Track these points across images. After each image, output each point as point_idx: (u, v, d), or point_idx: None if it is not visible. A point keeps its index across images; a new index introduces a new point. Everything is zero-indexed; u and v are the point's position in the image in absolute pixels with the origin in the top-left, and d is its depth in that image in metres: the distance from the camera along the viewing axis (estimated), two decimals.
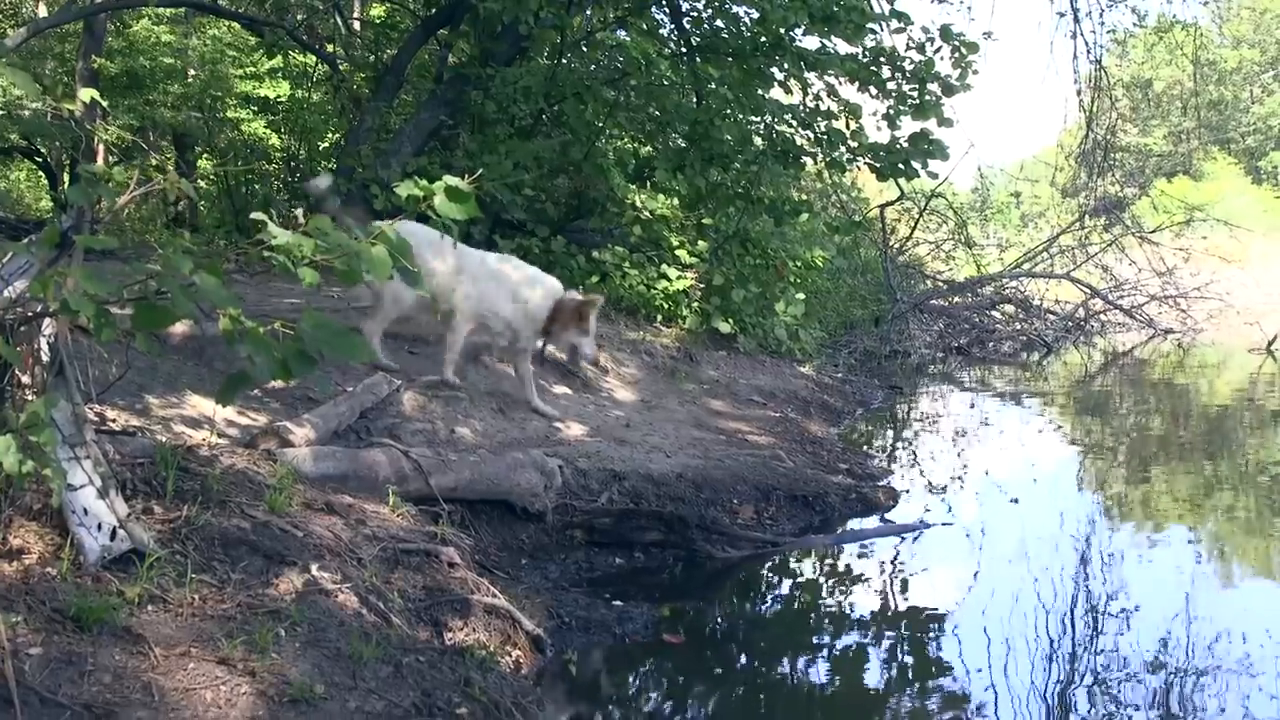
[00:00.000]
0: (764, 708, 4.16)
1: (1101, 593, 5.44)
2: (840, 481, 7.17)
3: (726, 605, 5.39)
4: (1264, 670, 4.26)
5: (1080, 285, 20.46)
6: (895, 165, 11.45)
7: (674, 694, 4.31)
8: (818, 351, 12.95)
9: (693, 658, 4.65)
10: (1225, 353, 19.90)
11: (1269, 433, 10.82)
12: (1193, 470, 8.72)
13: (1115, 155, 27.27)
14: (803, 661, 4.67)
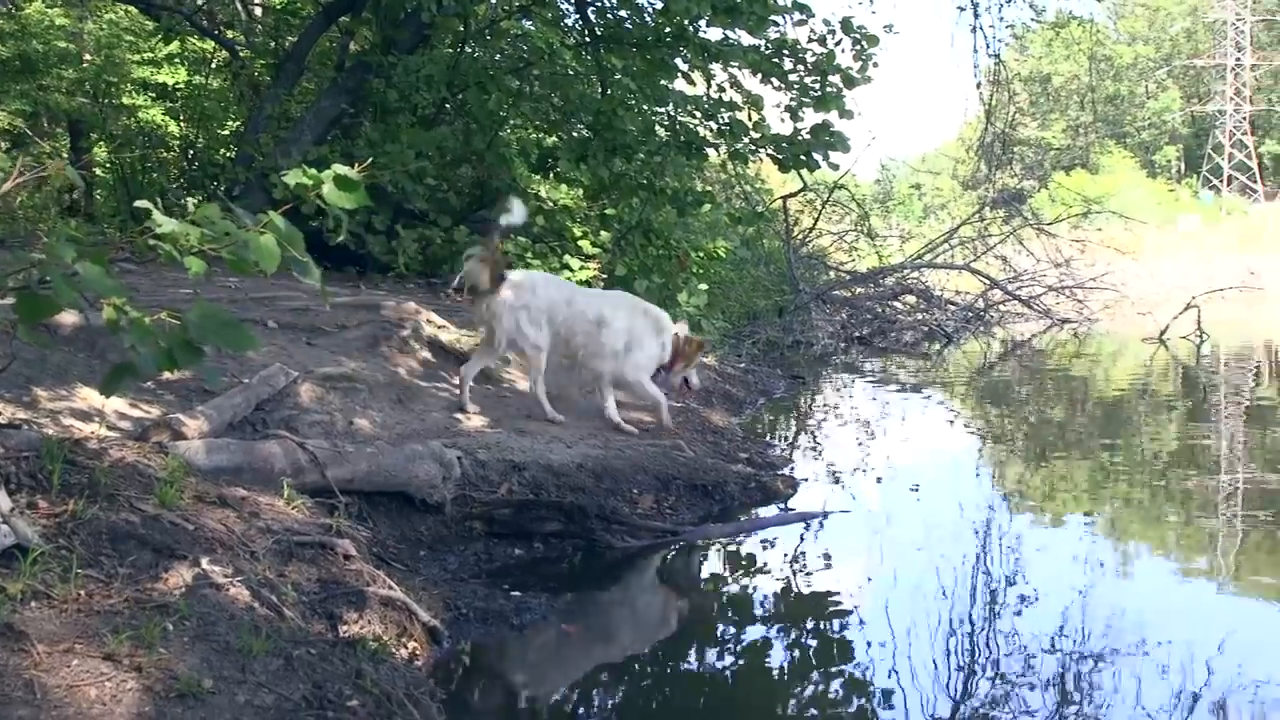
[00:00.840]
0: (664, 695, 4.18)
1: (1001, 578, 5.53)
2: (740, 470, 7.22)
3: (626, 594, 5.42)
4: (1157, 651, 4.36)
5: (980, 276, 20.78)
6: (797, 157, 11.56)
7: (571, 683, 4.32)
8: (721, 342, 13.01)
9: (591, 647, 4.66)
10: (1120, 342, 20.30)
11: (1163, 421, 11.07)
12: (1089, 458, 8.89)
13: (1015, 148, 27.72)
14: (704, 649, 4.69)
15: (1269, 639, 4.77)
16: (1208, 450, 9.25)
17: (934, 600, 5.14)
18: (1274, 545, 6.31)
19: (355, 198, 2.99)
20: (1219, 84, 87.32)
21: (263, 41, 14.99)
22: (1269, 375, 15.64)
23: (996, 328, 21.33)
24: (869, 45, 11.43)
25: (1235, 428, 10.49)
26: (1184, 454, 9.11)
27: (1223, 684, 4.01)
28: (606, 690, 4.27)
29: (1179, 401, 12.55)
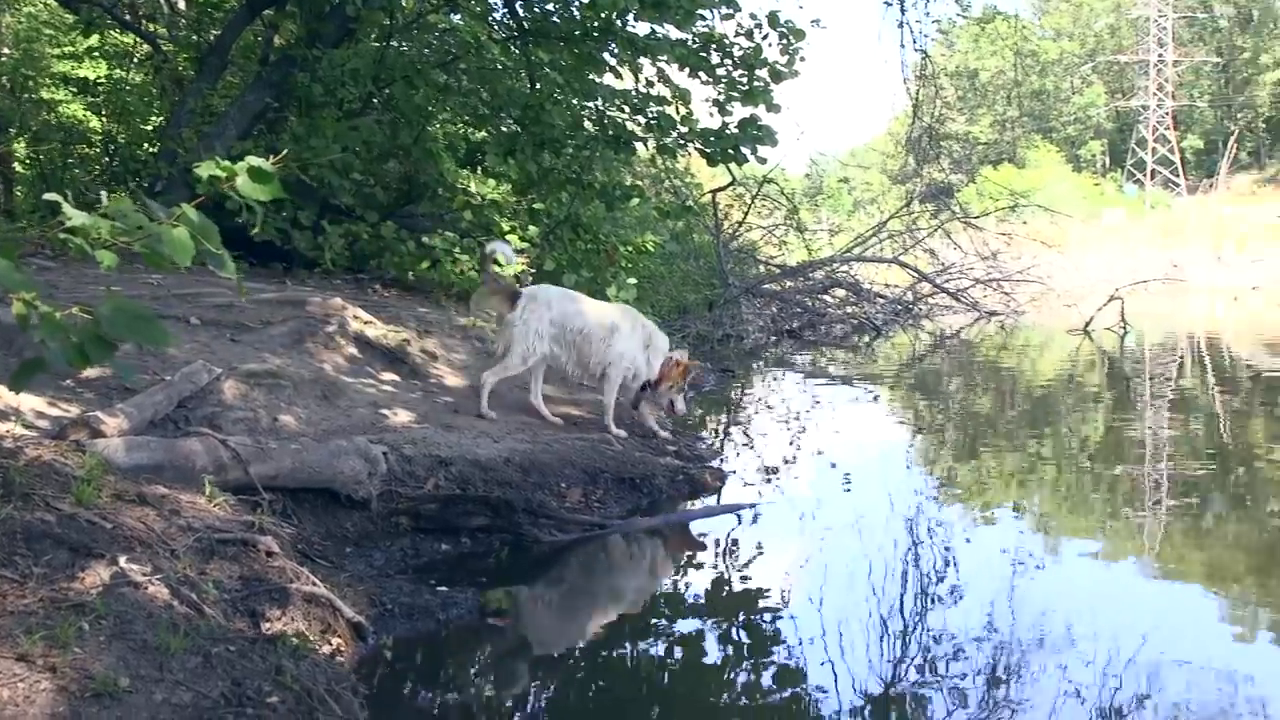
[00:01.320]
0: (593, 689, 4.18)
1: (931, 569, 5.57)
2: (668, 464, 7.23)
3: (553, 588, 5.41)
4: (1083, 638, 4.42)
5: (908, 269, 20.96)
6: (725, 150, 11.57)
7: (497, 676, 4.31)
8: None
9: (518, 640, 4.66)
10: (1046, 334, 20.58)
11: (1089, 411, 11.22)
12: (1018, 448, 8.99)
13: (943, 143, 27.98)
14: (633, 642, 4.69)
15: (1192, 623, 4.86)
16: (1133, 440, 9.39)
17: (865, 591, 5.18)
18: (1197, 532, 6.41)
19: (269, 190, 2.96)
20: (1142, 79, 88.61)
21: (185, 35, 14.76)
22: (1191, 366, 15.89)
23: (925, 320, 21.54)
24: (796, 39, 11.47)
25: (1160, 418, 10.65)
26: (1110, 444, 9.24)
27: (1147, 667, 4.08)
28: (533, 684, 4.26)
29: (1104, 392, 12.74)
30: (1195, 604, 5.18)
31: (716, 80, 11.60)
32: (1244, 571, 5.66)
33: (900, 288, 21.81)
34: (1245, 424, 10.38)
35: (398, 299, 10.14)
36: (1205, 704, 3.79)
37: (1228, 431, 9.81)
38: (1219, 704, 3.80)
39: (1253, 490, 7.48)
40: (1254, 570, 5.67)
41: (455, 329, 9.62)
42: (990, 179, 44.49)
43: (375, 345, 8.21)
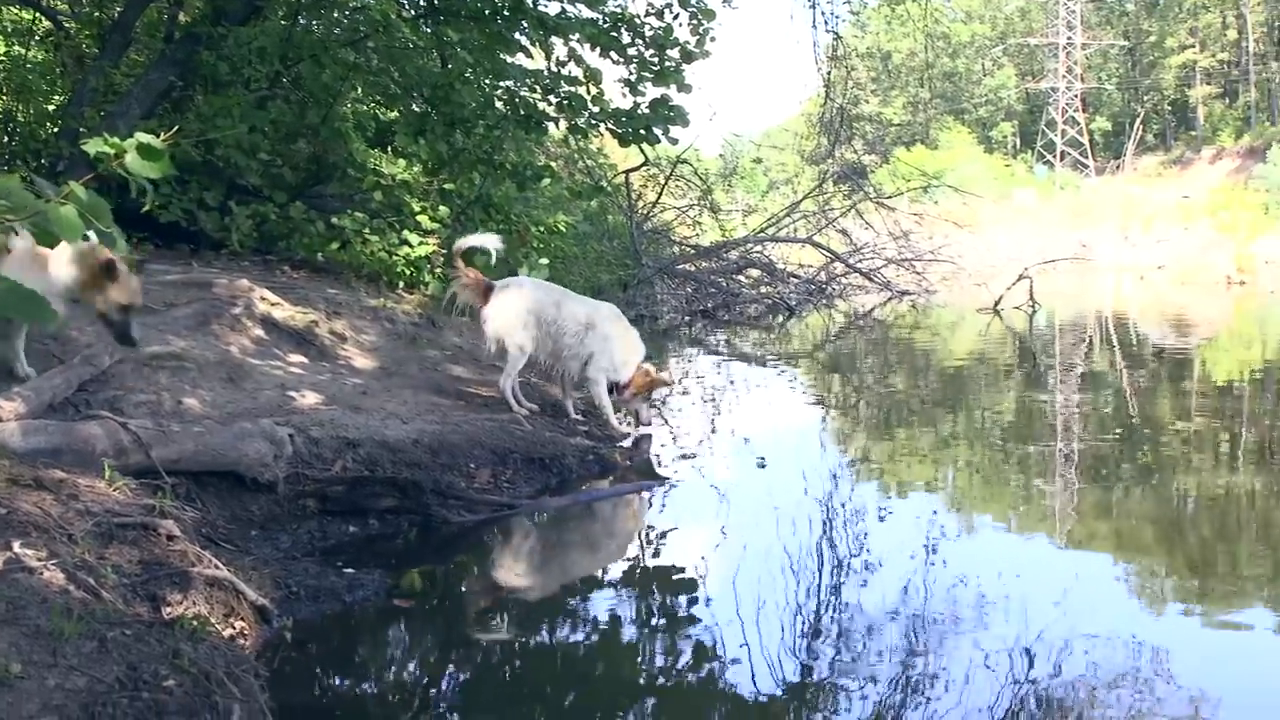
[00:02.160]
0: (502, 670, 4.17)
1: (846, 547, 5.62)
2: (578, 443, 7.24)
3: (462, 568, 5.40)
4: (997, 613, 4.48)
5: (821, 249, 21.10)
6: (637, 131, 11.57)
7: (403, 657, 4.30)
8: None
9: (425, 621, 4.64)
10: (958, 313, 20.84)
11: (1001, 389, 11.39)
12: (931, 426, 9.10)
13: (856, 124, 28.21)
14: (545, 623, 4.69)
15: (1101, 593, 4.95)
16: (1043, 416, 9.55)
17: (780, 569, 5.21)
18: (1106, 505, 6.53)
19: (160, 167, 2.90)
20: (1052, 62, 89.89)
21: (88, 11, 14.42)
22: (1099, 343, 16.17)
23: (839, 300, 21.71)
24: (706, 19, 11.50)
25: (1069, 394, 10.84)
26: (1021, 420, 9.39)
27: (1059, 638, 4.14)
28: (440, 665, 4.25)
29: (1015, 370, 12.93)
30: (1104, 575, 5.29)
31: (628, 60, 11.59)
32: (1151, 542, 5.78)
33: (814, 268, 21.96)
34: (1151, 399, 10.59)
35: (307, 280, 10.03)
36: (1114, 672, 3.87)
37: (1134, 407, 10.00)
38: (1128, 671, 3.88)
39: (1159, 463, 7.63)
40: (1161, 541, 5.79)
41: (365, 310, 9.54)
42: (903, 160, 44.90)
43: (283, 327, 8.13)
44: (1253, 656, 4.11)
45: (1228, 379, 12.47)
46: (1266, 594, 4.91)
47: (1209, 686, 3.73)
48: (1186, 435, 8.55)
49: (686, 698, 3.75)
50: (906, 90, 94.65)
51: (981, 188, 53.00)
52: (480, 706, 3.80)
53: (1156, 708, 3.60)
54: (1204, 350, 15.60)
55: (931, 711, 3.58)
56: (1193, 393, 11.12)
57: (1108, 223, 57.41)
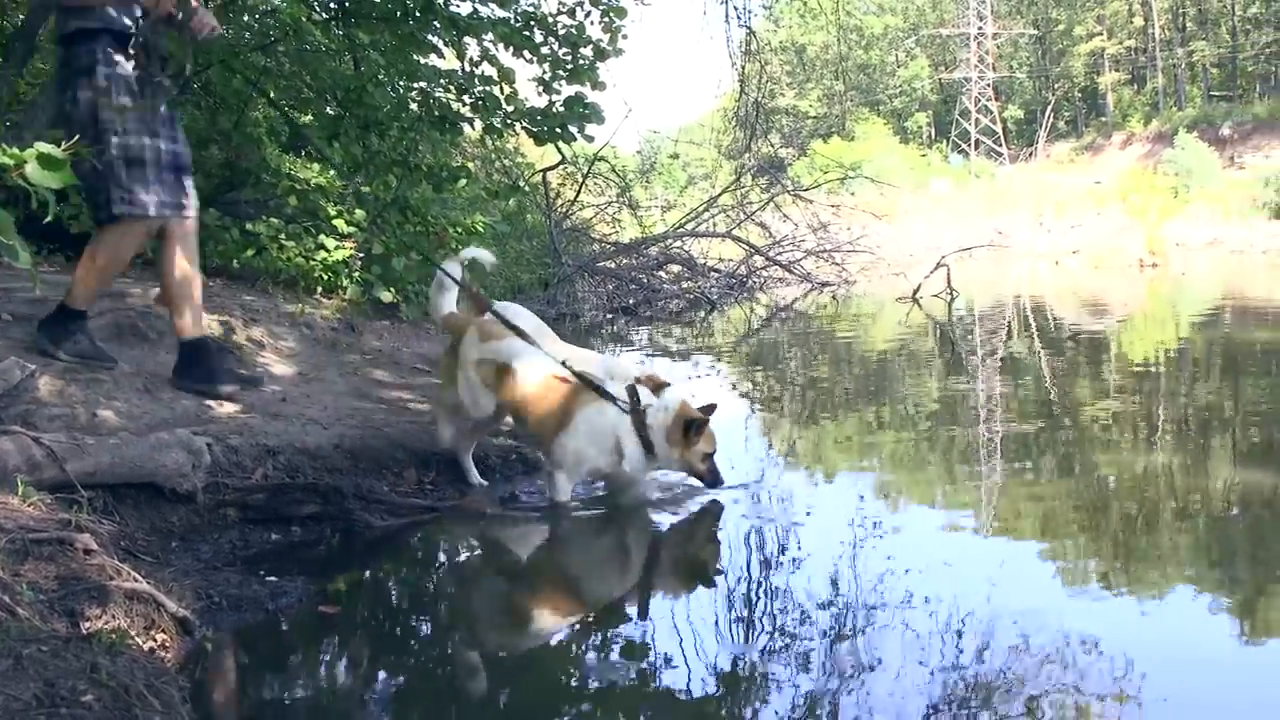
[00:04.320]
0: (427, 673, 4.15)
1: (774, 538, 5.62)
2: (501, 443, 7.23)
3: (385, 573, 5.37)
4: (925, 599, 4.51)
5: (741, 243, 21.21)
6: (552, 130, 11.52)
7: (327, 664, 4.27)
8: None
9: (349, 627, 4.61)
10: (877, 303, 21.05)
11: (922, 376, 11.51)
12: (856, 415, 9.18)
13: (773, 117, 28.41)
14: (470, 624, 4.69)
15: (1027, 576, 5.01)
16: (966, 402, 9.66)
17: (708, 560, 5.24)
18: (1030, 490, 6.61)
19: (61, 177, 2.87)
20: (964, 52, 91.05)
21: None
22: (1018, 329, 16.40)
23: (760, 293, 21.83)
24: (618, 17, 11.47)
25: (990, 380, 10.98)
26: (944, 407, 9.49)
27: (986, 621, 4.20)
28: (364, 670, 4.23)
29: (936, 357, 13.08)
30: (1030, 557, 5.35)
31: (541, 59, 11.56)
32: (1074, 524, 5.85)
33: (734, 262, 22.06)
34: (1070, 382, 10.76)
35: (223, 288, 9.93)
36: (1041, 651, 3.93)
37: (1054, 390, 10.15)
38: (1054, 650, 3.94)
39: (1080, 446, 7.75)
40: (1084, 522, 5.86)
41: (283, 316, 9.47)
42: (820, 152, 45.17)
43: None
44: (1173, 630, 4.20)
45: (1144, 360, 12.70)
46: (1186, 570, 5.01)
47: (1133, 661, 3.80)
48: (1106, 417, 8.70)
49: (619, 695, 3.75)
50: (822, 83, 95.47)
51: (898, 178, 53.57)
52: (407, 712, 3.78)
53: (1081, 683, 3.66)
54: (1120, 332, 15.87)
55: (864, 695, 3.61)
56: (1110, 375, 11.32)
57: (1022, 210, 58.23)
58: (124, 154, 6.50)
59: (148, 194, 6.54)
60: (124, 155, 6.49)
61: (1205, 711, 3.52)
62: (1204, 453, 7.58)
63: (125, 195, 6.55)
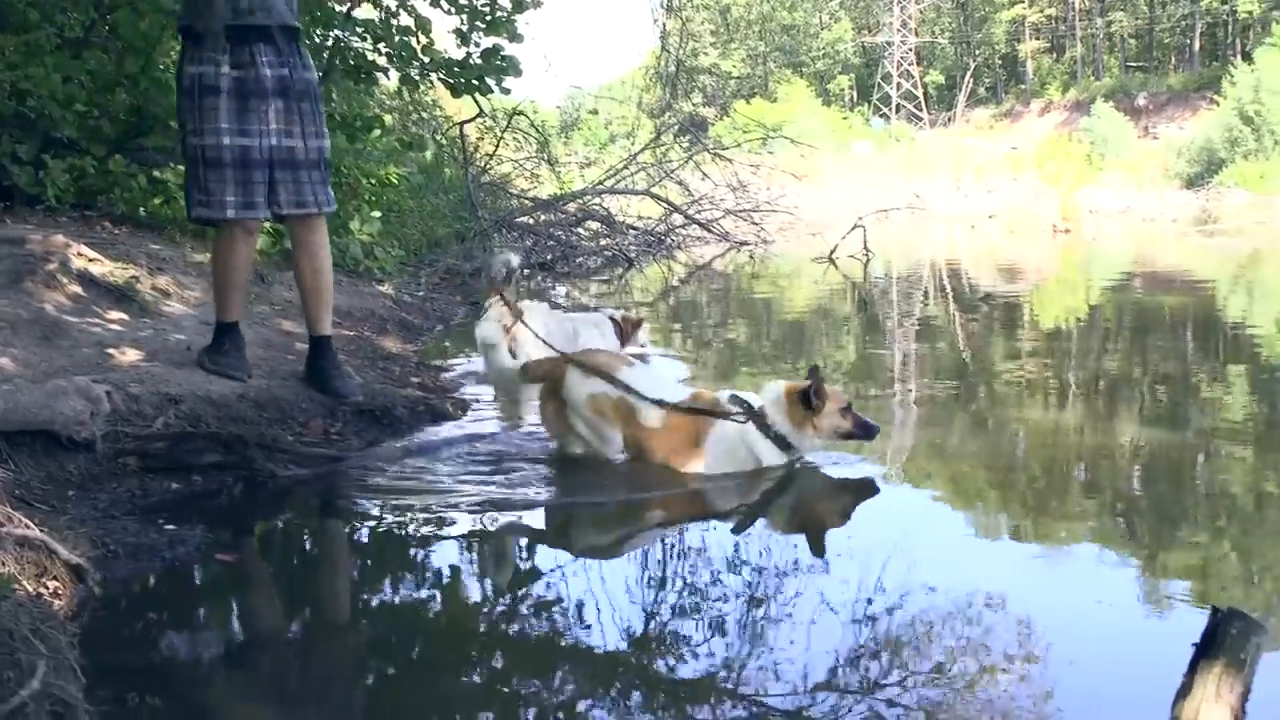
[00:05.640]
0: (328, 624, 4.12)
1: (685, 498, 5.57)
2: (410, 394, 7.16)
3: (287, 522, 5.32)
4: (837, 560, 4.51)
5: (660, 201, 21.17)
6: (469, 82, 11.45)
7: (223, 611, 4.22)
8: (398, 270, 12.87)
9: (247, 575, 4.57)
10: (794, 263, 21.14)
11: (839, 337, 11.59)
12: (772, 374, 9.18)
13: (696, 76, 28.42)
14: (376, 576, 4.63)
15: (940, 535, 5.03)
16: (882, 363, 9.73)
17: (619, 522, 5.19)
18: (943, 449, 6.66)
19: None
20: (887, 16, 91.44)
21: None
22: (934, 291, 16.56)
23: (678, 251, 21.83)
24: None
25: (906, 341, 11.07)
26: (861, 367, 9.54)
27: (898, 581, 4.19)
28: (260, 619, 4.20)
29: (853, 318, 13.17)
30: (942, 517, 5.38)
31: (458, 10, 11.47)
32: (986, 484, 5.90)
33: (653, 220, 22.03)
34: (985, 344, 10.89)
35: (129, 236, 9.73)
36: (951, 609, 3.95)
37: (969, 351, 10.25)
38: (964, 608, 3.96)
39: (993, 407, 7.83)
40: (995, 482, 5.92)
41: (191, 265, 9.31)
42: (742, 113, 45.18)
43: (101, 283, 7.87)
44: (1081, 590, 4.24)
45: (1055, 323, 12.89)
46: (1093, 528, 5.07)
47: (1040, 618, 3.84)
48: (1019, 379, 8.80)
49: (531, 652, 3.71)
50: (745, 43, 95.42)
51: (820, 140, 53.85)
52: (301, 659, 3.75)
53: (989, 639, 3.69)
54: (1033, 296, 16.08)
55: (777, 653, 3.61)
56: (1024, 338, 11.46)
57: (941, 174, 58.78)
58: (198, 154, 6.38)
59: (226, 195, 6.39)
60: (199, 155, 6.38)
61: (1108, 666, 3.56)
62: (1112, 413, 7.70)
63: (201, 198, 6.44)
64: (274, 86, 6.36)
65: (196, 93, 6.30)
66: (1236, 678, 2.84)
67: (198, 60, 6.29)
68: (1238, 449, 6.46)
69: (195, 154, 6.38)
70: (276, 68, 6.37)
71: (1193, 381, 8.71)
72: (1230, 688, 2.83)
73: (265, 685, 3.59)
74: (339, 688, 3.60)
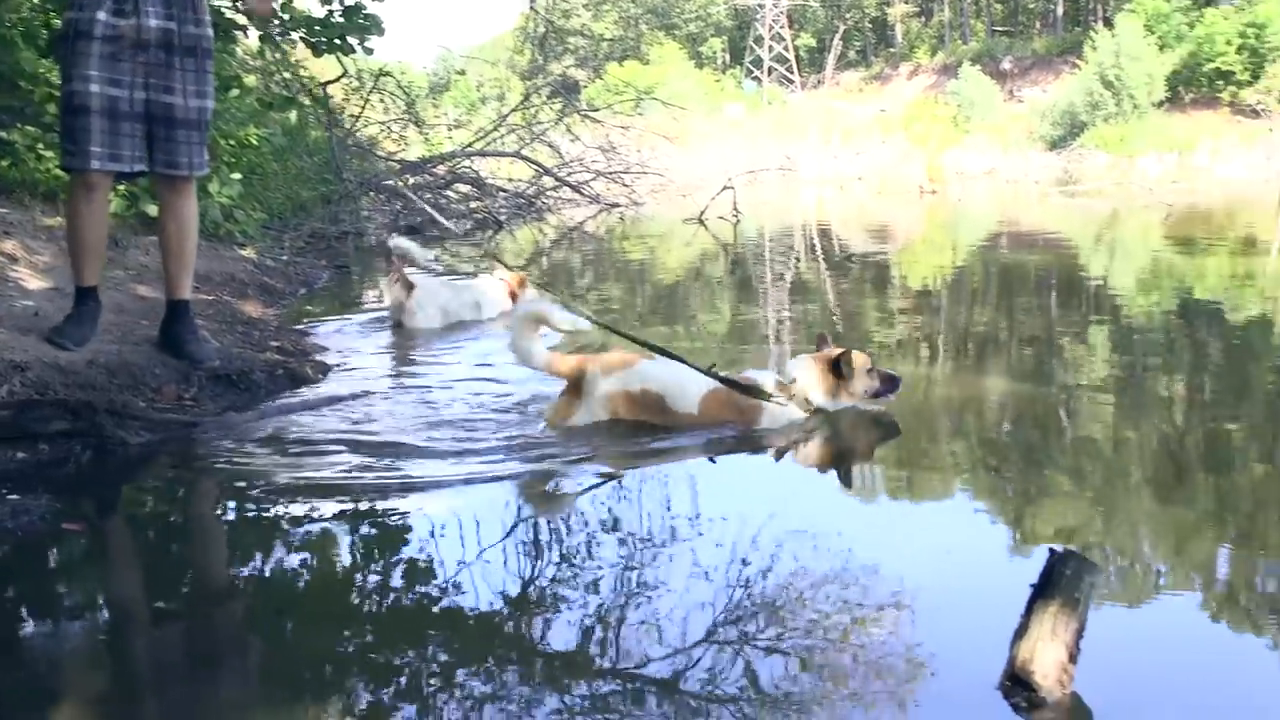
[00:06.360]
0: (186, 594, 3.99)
1: (556, 461, 5.47)
2: (269, 359, 7.01)
3: (136, 489, 5.17)
4: (711, 523, 4.44)
5: (530, 163, 21.04)
6: (331, 40, 11.22)
7: (65, 579, 4.08)
8: (260, 234, 12.60)
9: (93, 544, 4.44)
10: (666, 224, 21.16)
11: (711, 299, 11.58)
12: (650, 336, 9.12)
13: (568, 38, 28.27)
14: (235, 544, 4.50)
15: (811, 496, 5.03)
16: (754, 324, 9.75)
17: (489, 487, 5.07)
18: None
19: None
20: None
21: None
22: (805, 252, 16.68)
23: (549, 214, 21.72)
24: None
25: (779, 301, 11.11)
26: (734, 328, 9.56)
27: (771, 542, 4.18)
28: (103, 584, 4.08)
29: (724, 280, 13.20)
30: (813, 480, 5.39)
31: None
32: (856, 444, 5.91)
33: (523, 182, 21.89)
34: (856, 303, 10.98)
35: None
36: (824, 570, 3.95)
37: (839, 311, 10.32)
38: (836, 569, 3.97)
39: None
40: (865, 442, 5.93)
41: (40, 230, 9.00)
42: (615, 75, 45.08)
43: None
44: (948, 548, 4.28)
45: (924, 283, 13.05)
46: (960, 486, 5.13)
47: (909, 577, 3.86)
48: (889, 338, 8.89)
49: (399, 620, 3.64)
50: (618, 5, 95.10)
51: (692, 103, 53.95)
52: (152, 634, 3.64)
53: (861, 597, 3.71)
54: (901, 256, 16.29)
55: (651, 612, 3.59)
56: (893, 297, 11.59)
57: (811, 136, 59.31)
58: (69, 100, 6.12)
59: (91, 145, 6.13)
60: (69, 102, 6.12)
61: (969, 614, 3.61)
62: (980, 370, 7.81)
63: (70, 146, 6.18)
64: (157, 38, 6.14)
65: (71, 38, 6.07)
66: (1071, 616, 2.92)
67: (78, 5, 6.06)
68: (1099, 403, 6.60)
69: (65, 101, 6.15)
70: (162, 19, 6.15)
71: (1057, 338, 8.88)
72: (1065, 626, 2.91)
73: (112, 658, 3.48)
74: (190, 659, 3.50)
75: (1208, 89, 56.49)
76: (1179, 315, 9.92)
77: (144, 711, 3.14)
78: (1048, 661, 2.89)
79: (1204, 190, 32.45)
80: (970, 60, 70.63)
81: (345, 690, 3.13)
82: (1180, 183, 35.35)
